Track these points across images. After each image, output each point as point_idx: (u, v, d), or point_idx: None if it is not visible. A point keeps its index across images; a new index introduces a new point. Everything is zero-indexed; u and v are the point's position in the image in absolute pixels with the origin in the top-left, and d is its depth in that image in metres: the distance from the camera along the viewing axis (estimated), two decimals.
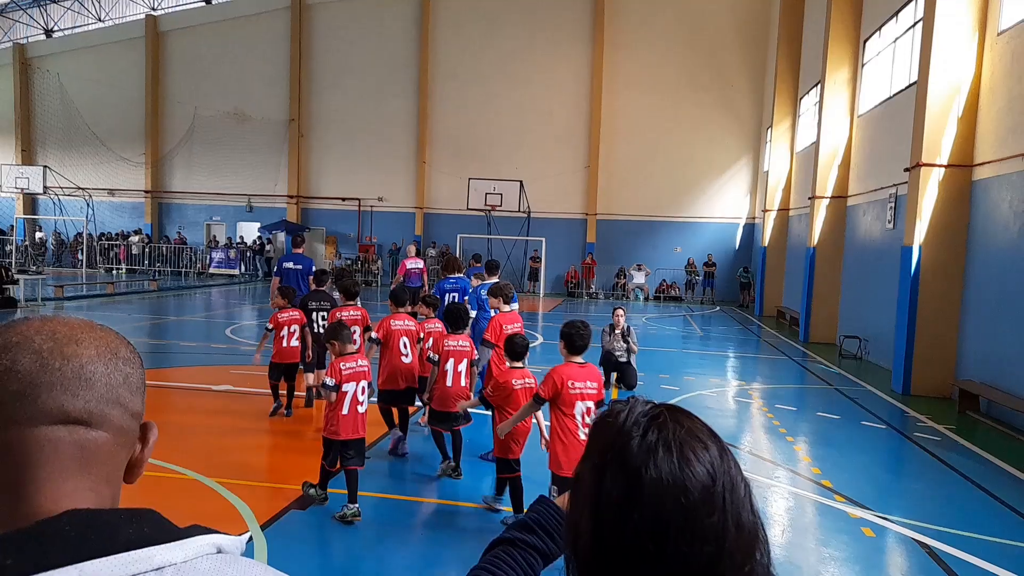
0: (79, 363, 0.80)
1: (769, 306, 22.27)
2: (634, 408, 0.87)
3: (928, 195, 10.60)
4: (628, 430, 0.83)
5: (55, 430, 0.77)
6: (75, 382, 0.79)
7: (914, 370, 10.66)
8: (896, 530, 5.38)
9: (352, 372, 5.29)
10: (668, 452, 0.80)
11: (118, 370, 0.83)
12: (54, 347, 0.80)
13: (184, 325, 16.35)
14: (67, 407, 0.78)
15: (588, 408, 4.64)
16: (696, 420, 0.87)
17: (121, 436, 0.83)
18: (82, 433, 0.79)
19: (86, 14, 32.56)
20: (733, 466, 0.84)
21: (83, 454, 0.79)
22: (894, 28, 14.11)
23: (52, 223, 31.64)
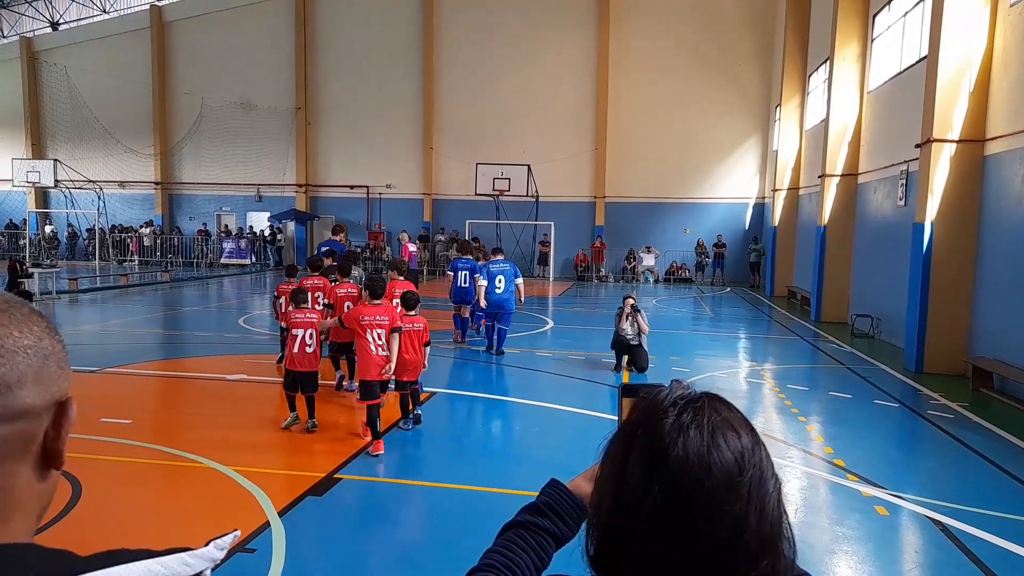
0: None
1: (780, 286, 22.18)
2: (674, 390, 0.88)
3: (939, 171, 10.50)
4: (665, 409, 0.84)
5: None
6: None
7: (927, 348, 10.61)
8: (910, 508, 5.39)
9: (300, 321, 7.00)
10: (699, 434, 0.81)
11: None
12: None
13: (197, 315, 16.48)
14: None
15: (379, 334, 6.62)
16: (735, 411, 0.88)
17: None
18: None
19: (91, 6, 32.54)
20: (764, 460, 0.84)
21: None
22: (904, 2, 13.90)
23: (64, 216, 31.85)
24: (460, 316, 12.36)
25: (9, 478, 0.73)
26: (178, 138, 31.15)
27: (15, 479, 0.73)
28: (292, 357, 7.02)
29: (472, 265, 11.99)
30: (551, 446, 6.90)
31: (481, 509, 5.32)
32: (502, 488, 5.67)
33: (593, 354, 11.31)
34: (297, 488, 5.49)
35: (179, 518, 5.05)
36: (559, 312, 17.87)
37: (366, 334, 6.66)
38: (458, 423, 7.90)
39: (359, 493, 5.59)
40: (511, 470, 6.17)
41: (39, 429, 0.75)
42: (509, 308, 11.33)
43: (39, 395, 0.74)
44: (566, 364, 10.78)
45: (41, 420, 0.75)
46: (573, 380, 9.75)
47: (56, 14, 32.99)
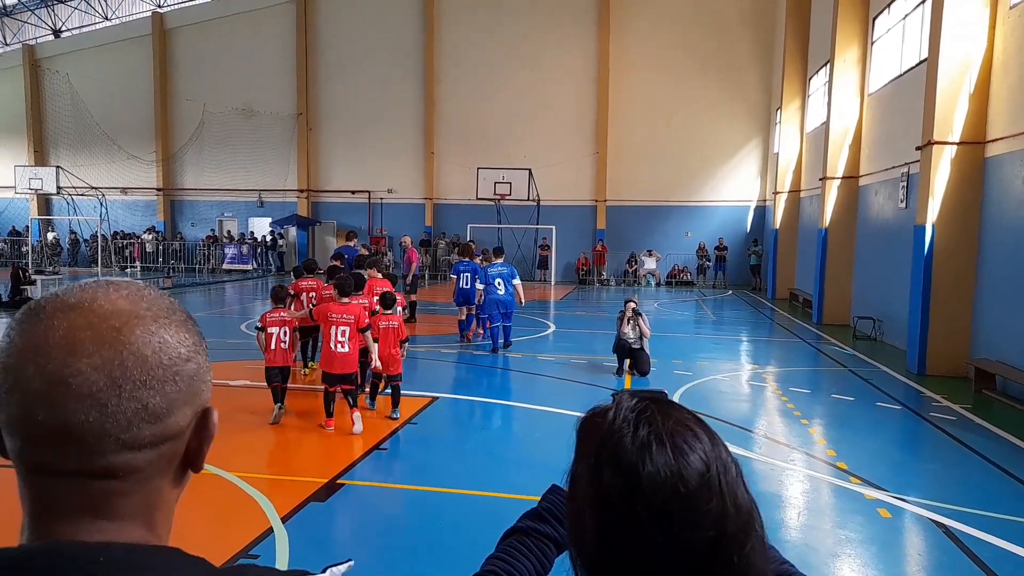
0: (62, 415, 0.67)
1: (782, 288, 22.17)
2: (621, 404, 0.88)
3: (940, 173, 10.51)
4: (619, 428, 0.85)
5: (56, 483, 0.70)
6: (60, 439, 0.68)
7: (929, 350, 10.61)
8: (913, 511, 5.39)
9: (275, 320, 7.65)
10: (661, 445, 0.82)
11: (119, 412, 0.69)
12: (44, 391, 0.67)
13: (200, 321, 16.38)
14: (59, 466, 0.69)
15: (342, 331, 7.14)
16: (683, 410, 0.89)
17: (143, 472, 0.72)
18: (83, 486, 0.70)
19: (93, 13, 32.65)
20: (723, 450, 0.86)
21: (90, 505, 0.71)
22: (903, 5, 13.93)
23: (67, 223, 31.92)
24: (462, 318, 12.97)
25: (155, 493, 0.75)
26: (180, 144, 31.23)
27: (160, 493, 0.76)
28: (271, 354, 7.60)
29: (474, 268, 12.62)
30: (553, 450, 6.90)
31: (484, 514, 5.32)
32: (505, 493, 5.68)
33: (595, 358, 11.31)
34: (300, 494, 5.50)
35: (183, 524, 5.03)
36: (561, 316, 17.88)
37: (330, 330, 7.15)
38: (460, 427, 7.91)
39: (362, 498, 5.60)
40: (513, 475, 6.18)
41: (183, 443, 0.76)
42: (510, 308, 12.05)
43: (186, 417, 0.75)
44: (568, 368, 10.79)
45: (185, 435, 0.76)
46: (575, 384, 9.76)
47: (58, 21, 33.10)
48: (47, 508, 0.70)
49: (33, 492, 0.70)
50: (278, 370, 7.63)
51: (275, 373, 7.62)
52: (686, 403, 4.77)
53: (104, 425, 0.68)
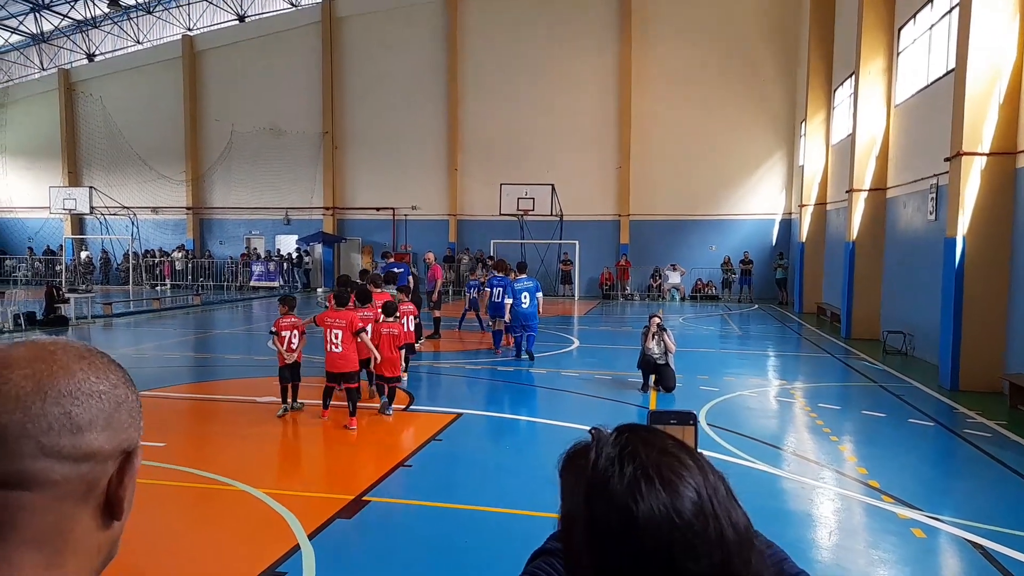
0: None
1: (809, 303, 21.90)
2: (600, 442, 0.87)
3: (971, 185, 10.34)
4: (604, 469, 0.84)
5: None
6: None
7: (962, 365, 10.39)
8: (948, 530, 5.27)
9: (288, 324, 8.70)
10: (650, 481, 0.81)
11: (43, 415, 0.72)
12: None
13: (228, 338, 16.73)
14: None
15: (336, 334, 8.21)
16: (664, 436, 0.88)
17: (57, 488, 0.72)
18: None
19: (125, 37, 33.53)
20: (710, 472, 0.85)
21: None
22: (929, 15, 13.80)
23: (99, 242, 32.62)
24: (495, 329, 13.97)
25: (68, 520, 0.73)
26: (209, 164, 31.82)
27: (74, 522, 0.74)
28: (282, 355, 8.61)
29: (506, 282, 13.44)
30: None
31: (511, 533, 5.30)
32: (531, 511, 5.65)
33: (620, 374, 11.25)
34: (326, 511, 5.53)
35: (211, 541, 5.12)
36: (584, 331, 17.83)
37: (327, 333, 8.33)
38: (485, 444, 7.90)
39: (388, 515, 5.61)
40: (539, 493, 6.14)
41: (104, 475, 0.76)
42: (534, 319, 12.85)
43: (107, 440, 0.76)
44: (593, 384, 10.74)
45: (107, 466, 0.76)
46: (600, 400, 9.71)
47: (92, 46, 34.03)
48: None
49: None
50: (287, 368, 8.59)
51: (285, 373, 8.61)
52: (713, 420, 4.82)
53: (26, 425, 0.71)
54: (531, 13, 28.00)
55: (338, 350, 8.24)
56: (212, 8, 32.05)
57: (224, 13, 32.18)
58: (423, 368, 12.27)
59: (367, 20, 29.82)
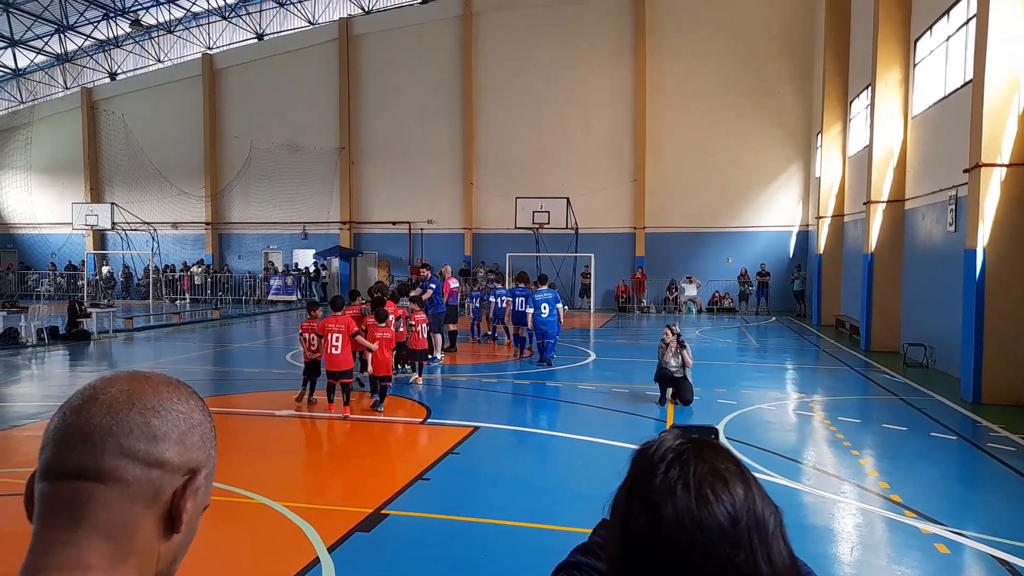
0: (84, 418, 0.83)
1: (827, 315, 21.73)
2: (663, 442, 0.89)
3: (990, 196, 10.26)
4: (655, 465, 0.86)
5: (57, 485, 0.82)
6: (75, 437, 0.82)
7: (984, 377, 10.26)
8: (972, 546, 5.20)
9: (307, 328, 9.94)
10: (686, 490, 0.82)
11: (127, 420, 0.83)
12: (78, 404, 0.85)
13: (246, 352, 16.86)
14: (65, 463, 0.82)
15: (336, 337, 9.29)
16: (722, 455, 0.88)
17: (128, 488, 0.82)
18: (77, 487, 0.81)
19: (147, 56, 34.16)
20: (759, 502, 0.84)
21: (75, 507, 0.81)
22: (945, 26, 13.75)
23: (120, 257, 33.06)
24: (518, 335, 14.95)
25: (135, 520, 0.83)
26: (228, 179, 32.23)
27: (139, 524, 0.83)
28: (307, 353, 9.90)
29: (527, 293, 14.37)
30: (597, 481, 6.85)
31: (529, 547, 5.30)
32: (550, 525, 5.65)
33: (636, 387, 11.22)
34: (345, 524, 5.55)
35: (232, 554, 5.16)
36: (601, 344, 17.79)
37: (328, 337, 9.39)
38: (503, 457, 7.90)
39: (406, 529, 5.63)
40: (557, 506, 6.14)
41: (170, 486, 0.85)
42: (554, 328, 13.74)
43: (177, 454, 0.86)
44: (610, 397, 10.72)
45: (174, 479, 0.86)
46: (617, 413, 9.68)
47: (114, 65, 34.68)
48: (42, 512, 0.82)
49: (41, 497, 0.83)
50: (308, 365, 9.87)
51: (306, 368, 9.89)
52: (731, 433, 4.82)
53: (111, 427, 0.83)
54: (545, 28, 28.20)
55: (338, 352, 9.31)
56: (231, 27, 32.59)
57: (243, 32, 32.72)
58: (439, 381, 12.30)
59: (383, 37, 30.18)
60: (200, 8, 32.42)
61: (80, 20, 32.09)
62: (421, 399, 10.58)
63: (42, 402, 10.45)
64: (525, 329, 14.49)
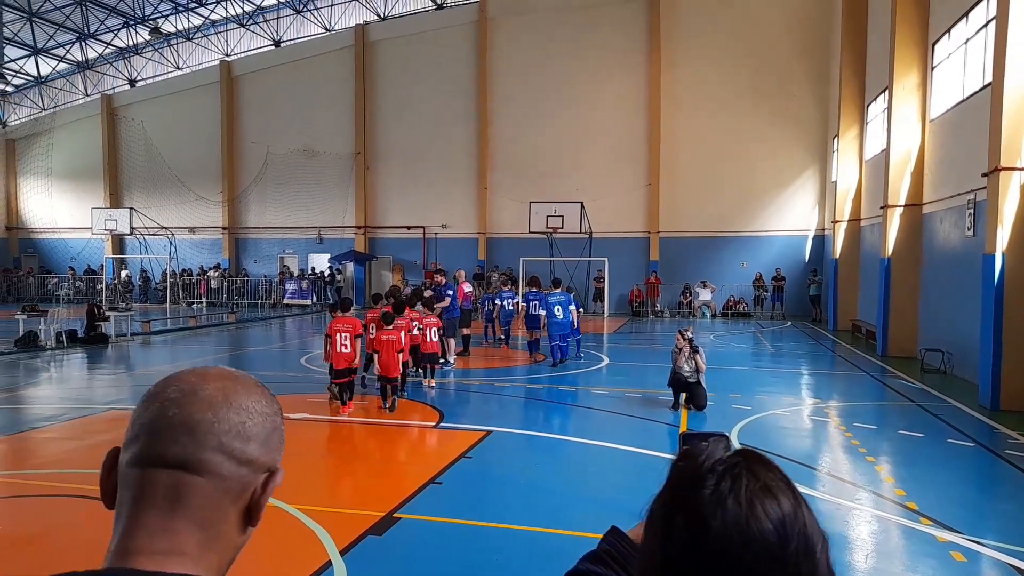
0: (187, 412, 0.88)
1: (843, 320, 21.54)
2: (713, 453, 0.86)
3: (1009, 200, 10.14)
4: (703, 476, 0.83)
5: (156, 472, 0.87)
6: (179, 430, 0.87)
7: (1003, 384, 10.13)
8: (989, 555, 5.13)
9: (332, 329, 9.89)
10: (737, 504, 0.79)
11: (226, 419, 0.89)
12: (178, 398, 0.90)
13: (261, 355, 16.99)
14: (167, 452, 0.87)
15: (343, 337, 9.56)
16: (774, 470, 0.86)
17: (223, 482, 0.88)
18: (177, 477, 0.86)
19: (165, 63, 34.58)
20: (809, 525, 0.82)
21: (174, 496, 0.86)
22: (964, 29, 13.63)
23: (139, 262, 33.44)
24: (530, 340, 15.00)
25: (223, 512, 0.89)
26: (245, 185, 32.53)
27: (226, 516, 0.90)
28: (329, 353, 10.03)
29: (540, 296, 14.73)
30: (609, 486, 6.84)
31: (541, 551, 5.30)
32: (561, 529, 5.64)
33: (650, 391, 11.18)
34: (358, 527, 5.58)
35: (244, 556, 5.17)
36: (614, 348, 17.75)
37: (336, 336, 9.61)
38: (515, 462, 7.90)
39: (418, 533, 5.64)
40: (570, 510, 6.13)
41: (253, 483, 0.92)
42: (566, 330, 13.99)
43: (263, 454, 0.93)
44: (623, 402, 10.69)
45: (257, 477, 0.92)
46: (630, 418, 9.66)
47: (134, 72, 35.14)
48: (136, 497, 0.87)
49: (136, 483, 0.87)
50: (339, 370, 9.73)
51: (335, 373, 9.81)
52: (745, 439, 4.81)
53: (213, 424, 0.89)
54: (559, 34, 28.25)
55: (347, 350, 9.61)
56: (249, 34, 32.92)
57: (260, 39, 33.03)
58: (452, 385, 12.33)
59: (399, 44, 30.36)
60: (218, 16, 32.78)
61: (101, 28, 32.55)
62: (434, 403, 10.61)
63: (60, 404, 10.58)
64: (537, 332, 14.73)
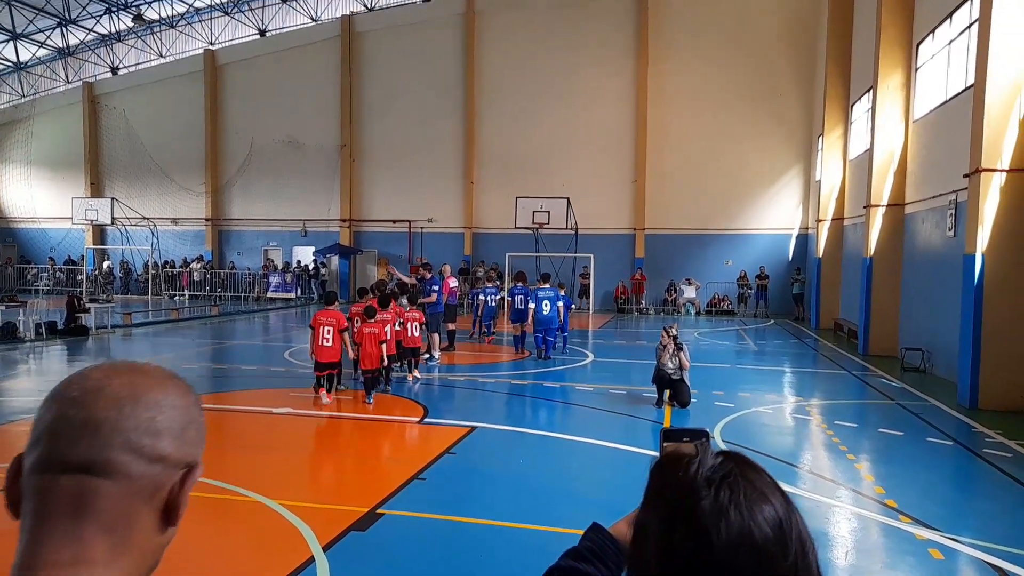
0: (90, 411, 0.82)
1: (825, 318, 21.74)
2: (704, 461, 0.87)
3: (990, 201, 10.26)
4: (698, 487, 0.83)
5: (58, 478, 0.81)
6: (81, 431, 0.81)
7: (981, 383, 10.27)
8: (966, 552, 5.20)
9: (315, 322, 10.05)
10: (739, 516, 0.81)
11: (133, 416, 0.83)
12: (80, 397, 0.84)
13: (244, 349, 16.86)
14: (68, 456, 0.81)
15: (327, 330, 9.72)
16: (762, 474, 0.87)
17: (133, 482, 0.83)
18: (81, 481, 0.80)
19: (149, 51, 34.13)
20: (802, 526, 0.84)
21: (79, 501, 0.80)
22: (948, 31, 13.75)
23: (120, 252, 33.05)
24: (516, 334, 15.14)
25: (135, 514, 0.84)
26: (228, 176, 32.23)
27: (139, 518, 0.84)
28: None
29: (525, 291, 14.98)
30: (593, 482, 6.86)
31: (524, 547, 5.30)
32: (545, 526, 5.65)
33: (634, 388, 11.22)
34: (341, 523, 5.55)
35: (226, 551, 5.16)
36: (599, 345, 17.79)
37: (319, 329, 9.79)
38: (499, 458, 7.90)
39: (402, 529, 5.63)
40: (553, 507, 6.15)
41: (168, 481, 0.86)
42: (553, 324, 14.29)
43: (176, 449, 0.87)
44: (607, 398, 10.72)
45: (172, 473, 0.87)
46: (614, 415, 9.69)
47: (116, 59, 34.66)
48: (39, 507, 0.81)
49: (38, 491, 0.82)
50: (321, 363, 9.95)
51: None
52: (728, 436, 4.84)
53: (118, 421, 0.83)
54: (548, 29, 28.20)
55: (329, 343, 9.79)
56: (234, 23, 32.57)
57: (245, 28, 32.70)
58: (437, 381, 12.31)
59: (386, 35, 30.16)
60: (203, 4, 32.40)
61: (82, 14, 32.06)
62: (418, 398, 10.58)
63: (38, 398, 10.31)
64: (523, 327, 14.85)
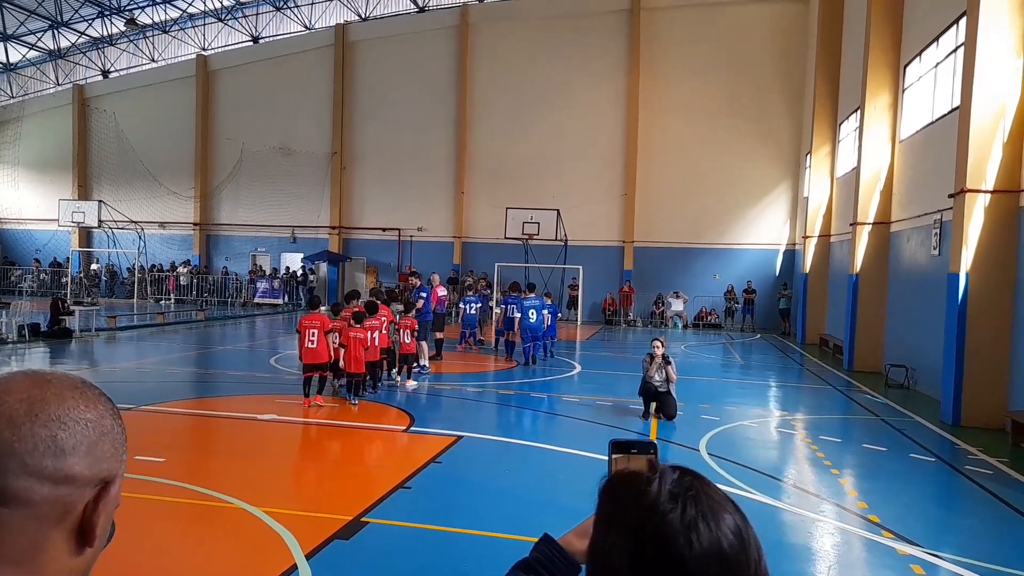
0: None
1: (811, 334, 21.88)
2: (664, 478, 0.88)
3: (974, 221, 10.40)
4: (663, 505, 0.85)
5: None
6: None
7: (964, 400, 10.37)
8: (947, 568, 5.24)
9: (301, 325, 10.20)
10: (707, 526, 0.83)
11: (30, 436, 0.75)
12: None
13: (230, 354, 16.75)
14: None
15: (312, 334, 9.85)
16: (715, 486, 0.90)
17: (36, 508, 0.75)
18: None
19: (140, 55, 34.03)
20: (752, 529, 0.87)
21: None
22: (935, 53, 13.97)
23: (106, 255, 32.79)
24: (508, 341, 15.78)
25: (43, 541, 0.76)
26: (218, 181, 32.11)
27: (49, 544, 0.77)
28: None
29: (517, 300, 15.51)
30: (578, 493, 6.85)
31: (509, 557, 5.24)
32: (530, 536, 5.63)
33: (621, 400, 11.24)
34: (324, 531, 5.52)
35: (208, 558, 5.11)
36: (587, 356, 17.82)
37: (304, 332, 9.96)
38: (485, 468, 7.88)
39: (385, 538, 5.60)
40: (538, 517, 6.13)
41: (80, 500, 0.79)
42: (538, 332, 15.02)
43: (88, 467, 0.79)
44: (594, 410, 10.73)
45: (84, 492, 0.79)
46: (601, 426, 9.70)
47: (108, 63, 34.53)
48: None
49: None
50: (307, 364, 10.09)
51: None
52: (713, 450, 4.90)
53: (13, 444, 0.74)
54: (540, 41, 28.39)
55: (313, 345, 9.95)
56: (227, 29, 32.56)
57: (239, 34, 32.69)
58: (424, 389, 12.28)
59: (379, 44, 30.25)
60: (196, 9, 32.37)
61: (75, 17, 31.93)
62: (405, 407, 10.55)
63: None
64: (511, 335, 15.44)
